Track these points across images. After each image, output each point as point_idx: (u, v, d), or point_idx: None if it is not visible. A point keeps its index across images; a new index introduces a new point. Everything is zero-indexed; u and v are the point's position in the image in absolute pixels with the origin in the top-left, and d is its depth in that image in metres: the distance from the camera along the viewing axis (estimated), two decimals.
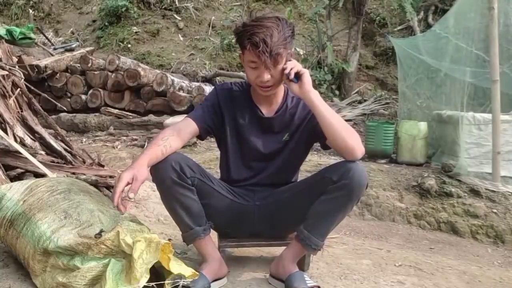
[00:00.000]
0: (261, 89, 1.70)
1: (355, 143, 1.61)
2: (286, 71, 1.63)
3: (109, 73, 5.94)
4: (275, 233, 1.90)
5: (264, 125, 1.81)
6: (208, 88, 6.02)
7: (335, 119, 1.62)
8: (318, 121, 1.64)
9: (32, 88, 3.05)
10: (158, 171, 1.64)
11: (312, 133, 1.77)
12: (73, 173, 2.57)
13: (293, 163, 1.89)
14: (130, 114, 5.83)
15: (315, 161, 4.09)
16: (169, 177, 1.62)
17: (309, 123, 1.78)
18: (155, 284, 1.42)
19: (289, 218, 1.80)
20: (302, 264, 1.87)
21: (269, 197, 1.83)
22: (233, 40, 7.79)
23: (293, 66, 1.64)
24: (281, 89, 1.79)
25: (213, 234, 1.93)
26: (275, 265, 1.81)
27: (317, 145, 1.85)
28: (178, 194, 1.65)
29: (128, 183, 1.49)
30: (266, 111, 1.81)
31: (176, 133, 1.68)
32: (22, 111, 2.69)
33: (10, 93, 2.66)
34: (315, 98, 1.64)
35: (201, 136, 1.80)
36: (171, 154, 1.65)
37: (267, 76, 1.64)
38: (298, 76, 1.65)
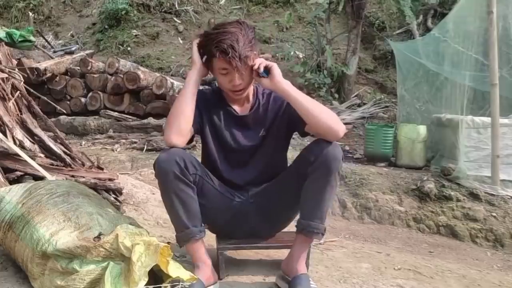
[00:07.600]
0: (234, 93, 1.75)
1: (335, 123, 1.66)
2: (255, 67, 1.68)
3: (109, 76, 5.93)
4: (273, 228, 1.92)
5: (239, 123, 1.84)
6: None
7: (311, 104, 1.68)
8: (295, 108, 1.69)
9: (32, 90, 3.04)
10: (161, 164, 1.64)
11: (290, 122, 1.80)
12: (72, 176, 2.56)
13: (277, 156, 1.90)
14: (129, 117, 5.82)
15: None
16: (172, 171, 1.62)
17: (284, 114, 1.82)
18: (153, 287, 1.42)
19: (283, 208, 1.84)
20: None
21: (261, 193, 1.85)
22: None
23: (261, 62, 1.69)
24: (251, 88, 1.82)
25: (212, 237, 1.93)
26: (285, 262, 1.80)
27: (303, 141, 1.86)
28: (178, 190, 1.65)
29: None
30: (240, 110, 1.85)
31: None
32: (21, 114, 2.68)
33: (10, 95, 2.65)
34: (287, 87, 1.69)
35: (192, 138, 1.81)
36: (175, 149, 1.67)
37: (239, 80, 1.69)
38: (267, 71, 1.70)
